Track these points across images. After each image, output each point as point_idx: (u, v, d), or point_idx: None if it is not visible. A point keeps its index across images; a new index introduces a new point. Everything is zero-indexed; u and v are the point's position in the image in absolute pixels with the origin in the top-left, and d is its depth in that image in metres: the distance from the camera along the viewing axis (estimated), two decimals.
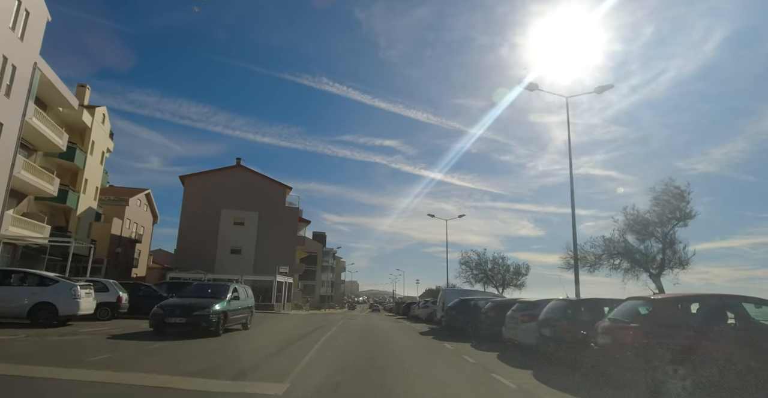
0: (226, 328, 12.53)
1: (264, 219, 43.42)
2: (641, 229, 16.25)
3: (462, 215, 43.04)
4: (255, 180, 44.54)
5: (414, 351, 10.97)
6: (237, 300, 13.31)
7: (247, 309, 14.45)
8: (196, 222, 41.65)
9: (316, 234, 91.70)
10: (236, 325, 13.73)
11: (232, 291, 13.14)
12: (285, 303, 39.97)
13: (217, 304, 11.93)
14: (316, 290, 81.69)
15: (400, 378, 6.94)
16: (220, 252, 41.78)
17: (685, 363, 5.79)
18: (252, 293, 15.68)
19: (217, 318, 11.53)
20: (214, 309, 11.59)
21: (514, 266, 33.42)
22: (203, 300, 12.15)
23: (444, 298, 19.35)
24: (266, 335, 13.63)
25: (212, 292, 13.06)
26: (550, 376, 7.62)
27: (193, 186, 42.83)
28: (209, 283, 15.70)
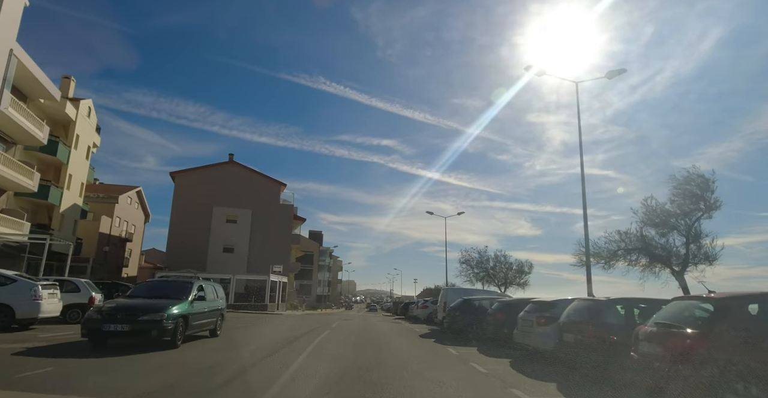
0: (189, 336, 10.13)
1: (258, 217, 42.03)
2: (662, 222, 14.90)
3: (461, 212, 41.89)
4: (248, 176, 43.14)
5: (416, 360, 9.64)
6: (202, 301, 10.74)
7: (216, 313, 11.85)
8: (187, 220, 40.21)
9: (312, 233, 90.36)
10: (203, 332, 11.36)
11: (196, 290, 10.52)
12: (279, 304, 38.61)
13: (175, 307, 9.30)
14: (313, 290, 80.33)
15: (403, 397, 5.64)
16: (213, 251, 40.38)
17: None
18: (223, 292, 13.15)
19: (173, 325, 8.95)
20: (170, 313, 8.99)
21: (517, 264, 32.30)
22: (157, 301, 9.57)
23: (445, 298, 18.06)
24: (242, 343, 11.34)
25: (170, 291, 10.40)
26: (581, 392, 6.34)
27: (184, 182, 41.38)
28: (168, 280, 12.46)
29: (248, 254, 41.12)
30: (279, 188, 43.86)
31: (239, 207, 41.63)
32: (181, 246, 39.43)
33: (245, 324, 18.38)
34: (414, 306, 31.43)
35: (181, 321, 9.33)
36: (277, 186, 43.89)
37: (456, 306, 15.38)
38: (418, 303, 30.18)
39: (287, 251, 42.83)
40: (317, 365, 7.94)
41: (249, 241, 41.46)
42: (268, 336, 13.39)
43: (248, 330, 15.30)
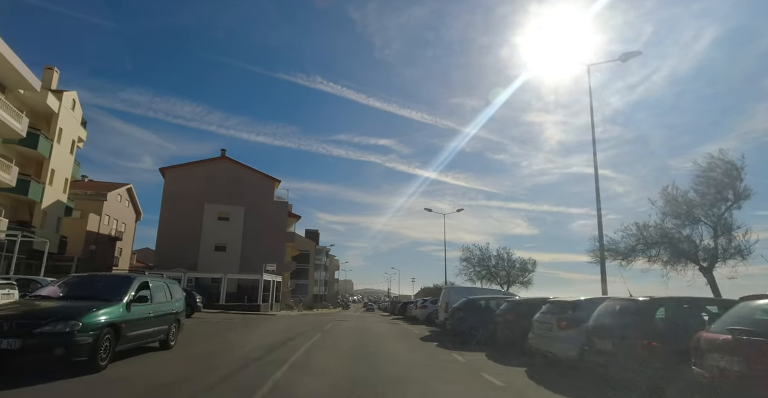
0: (124, 351, 7.40)
1: (251, 214, 40.63)
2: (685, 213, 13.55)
3: (460, 209, 40.62)
4: (241, 172, 41.74)
5: (421, 370, 8.31)
6: (145, 303, 7.91)
7: (168, 318, 8.98)
8: (177, 218, 38.77)
9: (308, 231, 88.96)
10: (151, 343, 8.61)
11: (135, 289, 7.77)
12: (273, 304, 37.23)
13: (101, 311, 6.61)
14: (309, 289, 78.92)
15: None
16: (204, 250, 38.96)
17: None
18: (181, 292, 10.37)
19: (93, 338, 6.21)
20: (89, 321, 6.24)
21: (520, 262, 30.92)
22: (72, 304, 6.90)
23: (448, 298, 16.72)
24: (205, 355, 8.90)
25: (99, 290, 7.61)
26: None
27: (174, 179, 39.94)
28: (99, 275, 9.26)
29: (241, 252, 39.73)
30: (273, 185, 42.49)
31: (232, 205, 40.22)
32: (171, 244, 38.00)
33: (227, 328, 16.97)
34: (413, 306, 30.13)
35: (109, 331, 6.60)
36: (271, 182, 42.51)
37: (460, 307, 14.05)
38: (417, 303, 28.89)
39: (281, 249, 41.46)
40: (299, 383, 6.38)
41: (242, 239, 40.07)
42: (247, 342, 11.64)
43: (224, 336, 13.50)
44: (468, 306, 13.89)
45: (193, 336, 12.44)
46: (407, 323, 26.12)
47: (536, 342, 9.18)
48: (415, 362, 9.29)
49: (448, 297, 16.81)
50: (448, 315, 15.59)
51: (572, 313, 8.40)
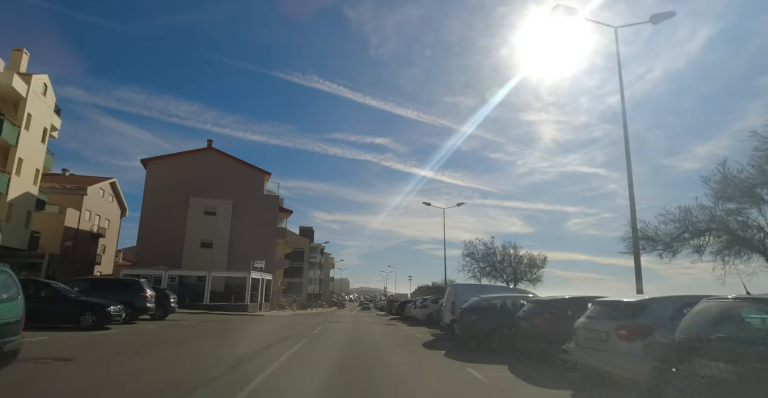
0: None
1: (239, 209, 38.18)
2: (744, 193, 11.23)
3: (460, 203, 38.42)
4: (228, 164, 39.28)
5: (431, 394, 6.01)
6: None
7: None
8: (160, 212, 36.27)
9: (303, 229, 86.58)
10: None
11: None
12: (262, 303, 34.86)
13: None
14: (303, 288, 76.53)
15: None
16: (189, 246, 36.49)
17: None
18: (18, 289, 5.79)
19: None
20: None
21: (528, 258, 28.53)
22: None
23: (454, 296, 14.41)
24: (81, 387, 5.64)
25: None
26: None
27: (156, 171, 37.41)
28: None
29: (229, 249, 37.30)
30: (263, 177, 40.06)
31: (219, 198, 37.77)
32: (154, 240, 35.51)
33: (195, 333, 14.58)
34: (411, 305, 27.85)
35: None
36: (261, 175, 40.09)
37: (471, 308, 11.74)
38: (416, 303, 26.63)
39: (272, 246, 39.06)
40: None
41: (230, 235, 37.63)
42: (201, 356, 9.04)
43: (176, 348, 10.68)
44: (481, 307, 11.59)
45: (128, 347, 10.11)
46: (406, 324, 23.86)
47: (581, 356, 6.89)
48: (425, 384, 6.94)
49: (454, 295, 14.52)
50: (456, 317, 13.33)
51: (638, 319, 6.11)
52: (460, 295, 14.19)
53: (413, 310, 26.56)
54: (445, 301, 15.60)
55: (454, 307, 14.07)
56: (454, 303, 14.20)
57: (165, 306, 18.89)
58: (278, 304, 45.28)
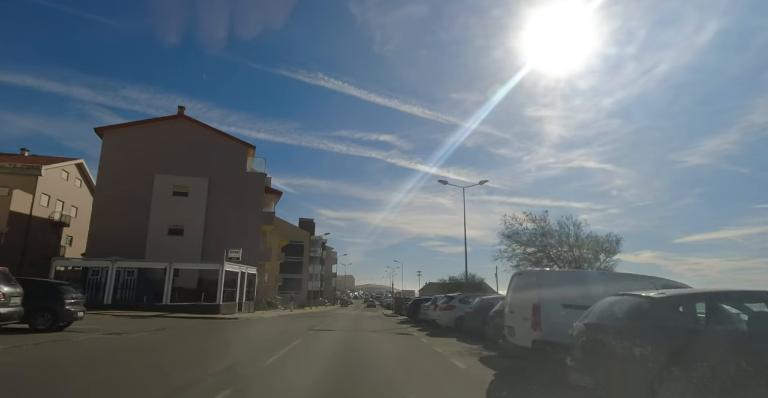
0: None
1: (217, 189, 31.26)
2: None
3: (484, 181, 31.23)
4: (204, 136, 32.30)
5: None
6: None
7: None
8: (118, 192, 29.42)
9: (302, 221, 79.88)
10: None
11: None
12: (242, 303, 27.92)
13: None
14: (303, 285, 69.68)
15: None
16: (154, 233, 29.61)
17: None
18: None
19: None
20: None
21: (593, 238, 19.88)
22: None
23: (539, 295, 7.17)
24: None
25: None
26: None
27: (114, 141, 30.47)
28: None
29: (203, 237, 30.39)
30: (246, 151, 33.04)
31: (191, 176, 30.84)
32: (110, 226, 28.67)
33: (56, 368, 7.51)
34: (430, 305, 20.80)
35: None
36: (244, 149, 33.08)
37: (629, 325, 4.61)
38: (436, 302, 19.59)
39: (256, 233, 32.08)
40: None
41: (205, 220, 30.71)
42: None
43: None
44: (654, 321, 4.46)
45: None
46: (424, 332, 16.82)
47: None
48: None
49: (538, 294, 7.27)
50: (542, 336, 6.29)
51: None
52: (551, 293, 7.10)
53: (433, 312, 19.49)
54: (510, 302, 8.43)
55: (539, 316, 7.00)
56: (538, 307, 7.11)
57: (55, 310, 11.94)
58: (268, 303, 38.38)
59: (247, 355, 9.08)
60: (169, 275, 24.08)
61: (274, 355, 8.72)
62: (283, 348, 9.95)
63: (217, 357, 8.59)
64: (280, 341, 11.63)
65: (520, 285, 8.10)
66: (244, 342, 12.04)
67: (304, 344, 11.29)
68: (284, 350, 9.75)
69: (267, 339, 12.59)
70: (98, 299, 23.12)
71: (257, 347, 10.49)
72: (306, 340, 12.17)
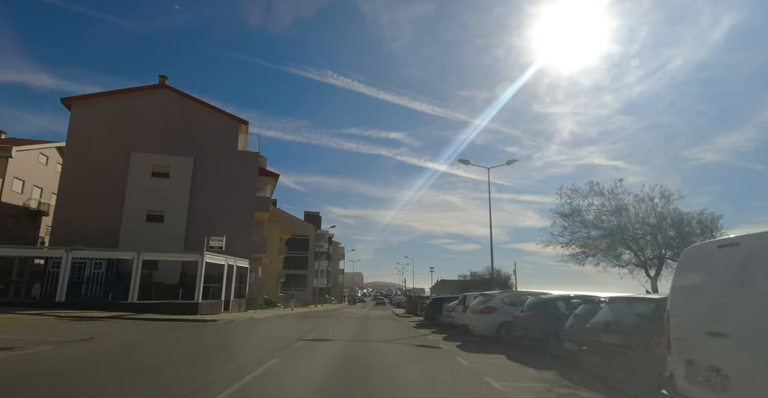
0: None
1: (203, 169, 27.10)
2: None
3: (513, 160, 26.84)
4: (188, 109, 28.10)
5: None
6: None
7: None
8: (89, 172, 25.39)
9: (308, 214, 75.81)
10: None
11: None
12: (230, 301, 23.72)
13: None
14: (308, 281, 65.60)
15: None
16: (130, 219, 25.52)
17: None
18: None
19: None
20: None
21: (700, 215, 14.79)
22: None
23: None
24: None
25: None
26: None
27: (85, 114, 26.37)
28: None
29: (187, 224, 26.24)
30: (237, 127, 28.79)
31: (174, 154, 26.70)
32: (78, 211, 24.65)
33: None
34: (456, 306, 16.32)
35: None
36: (235, 124, 28.83)
37: None
38: (466, 301, 15.09)
39: (249, 220, 27.86)
40: None
41: (189, 205, 26.56)
42: None
43: None
44: None
45: None
46: (450, 340, 12.39)
47: None
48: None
49: None
50: None
51: None
52: None
53: (462, 315, 15.00)
54: (710, 313, 3.93)
55: None
56: None
57: None
58: (267, 301, 34.23)
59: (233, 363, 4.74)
60: (137, 267, 19.92)
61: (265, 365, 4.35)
62: (232, 386, 5.57)
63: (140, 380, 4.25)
64: (243, 364, 7.24)
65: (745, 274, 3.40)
66: (179, 364, 7.70)
67: (278, 370, 6.89)
68: (272, 362, 5.38)
69: (223, 358, 8.29)
70: (50, 296, 19.06)
71: (187, 381, 6.18)
72: (284, 362, 7.78)
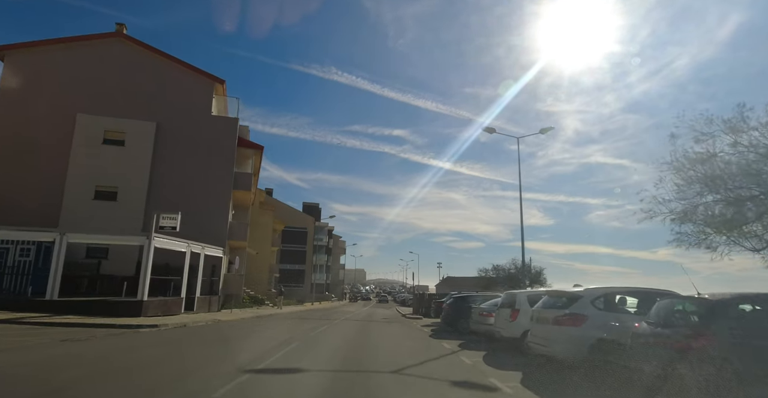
0: None
1: (167, 137, 21.99)
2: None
3: (550, 128, 21.85)
4: (151, 63, 22.90)
5: None
6: None
7: None
8: (23, 138, 20.35)
9: (306, 205, 70.82)
10: None
11: None
12: (197, 299, 18.64)
13: None
14: (306, 277, 60.58)
15: None
16: (73, 196, 20.46)
17: None
18: None
19: None
20: None
21: None
22: None
23: None
24: None
25: None
26: None
27: (21, 67, 21.26)
28: None
29: (147, 203, 21.13)
30: (211, 87, 23.60)
31: (131, 118, 21.59)
32: (8, 187, 19.65)
33: None
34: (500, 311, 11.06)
35: None
36: (209, 83, 23.64)
37: None
38: (517, 305, 9.84)
39: (224, 201, 22.72)
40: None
41: (149, 180, 21.48)
42: None
43: None
44: None
45: None
46: (502, 368, 7.21)
47: None
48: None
49: None
50: None
51: None
52: None
53: (512, 324, 9.77)
54: None
55: None
56: None
57: None
58: (252, 298, 29.19)
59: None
60: (59, 252, 14.85)
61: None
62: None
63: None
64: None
65: None
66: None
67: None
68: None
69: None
70: None
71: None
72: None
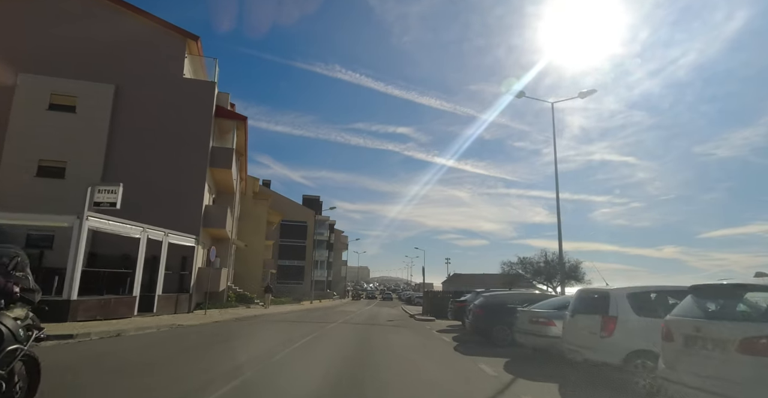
0: None
1: (129, 103, 18.26)
2: None
3: (591, 91, 18.08)
4: (110, 16, 19.10)
5: None
6: None
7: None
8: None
9: (306, 198, 67.15)
10: None
11: None
12: (158, 297, 14.91)
13: None
14: (306, 273, 56.99)
15: None
16: (11, 172, 16.78)
17: None
18: None
19: None
20: None
21: None
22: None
23: None
24: None
25: None
26: None
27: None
28: None
29: (102, 180, 17.39)
30: (183, 45, 19.79)
31: (84, 79, 17.86)
32: None
33: None
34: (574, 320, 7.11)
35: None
36: (180, 40, 19.82)
37: None
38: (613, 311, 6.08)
39: (198, 180, 18.96)
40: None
41: (105, 154, 17.77)
42: None
43: None
44: None
45: None
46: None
47: None
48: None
49: None
50: None
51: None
52: None
53: (605, 342, 5.92)
54: None
55: None
56: None
57: None
58: (239, 296, 25.55)
59: None
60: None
61: None
62: None
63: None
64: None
65: None
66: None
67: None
68: None
69: None
70: None
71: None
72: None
